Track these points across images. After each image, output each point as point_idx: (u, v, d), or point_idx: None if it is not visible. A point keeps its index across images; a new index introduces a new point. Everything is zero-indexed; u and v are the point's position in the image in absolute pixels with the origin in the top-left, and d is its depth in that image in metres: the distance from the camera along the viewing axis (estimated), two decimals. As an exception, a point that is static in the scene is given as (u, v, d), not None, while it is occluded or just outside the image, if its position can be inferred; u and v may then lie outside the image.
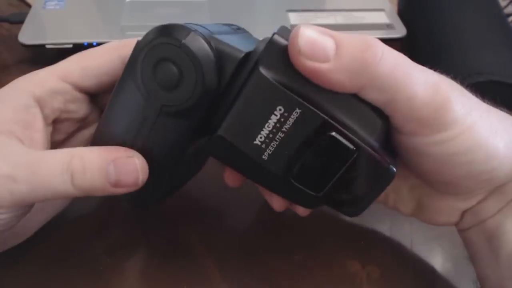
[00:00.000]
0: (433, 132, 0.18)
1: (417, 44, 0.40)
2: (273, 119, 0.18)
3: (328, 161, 0.18)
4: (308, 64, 0.17)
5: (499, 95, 0.33)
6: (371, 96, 0.18)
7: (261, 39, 0.19)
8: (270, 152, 0.18)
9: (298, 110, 0.17)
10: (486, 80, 0.33)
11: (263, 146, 0.18)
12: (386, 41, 0.43)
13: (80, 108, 0.23)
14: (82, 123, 0.24)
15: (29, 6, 0.44)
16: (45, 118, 0.21)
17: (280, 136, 0.18)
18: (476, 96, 0.21)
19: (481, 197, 0.22)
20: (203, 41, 0.17)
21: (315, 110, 0.17)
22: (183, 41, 0.17)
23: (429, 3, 0.41)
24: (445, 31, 0.38)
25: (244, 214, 0.28)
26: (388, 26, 0.42)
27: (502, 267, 0.21)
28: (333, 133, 0.18)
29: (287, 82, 0.17)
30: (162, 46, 0.17)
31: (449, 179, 0.21)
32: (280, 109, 0.17)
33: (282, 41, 0.17)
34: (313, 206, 0.21)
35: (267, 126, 0.18)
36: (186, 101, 0.18)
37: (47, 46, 0.37)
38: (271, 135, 0.18)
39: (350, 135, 0.18)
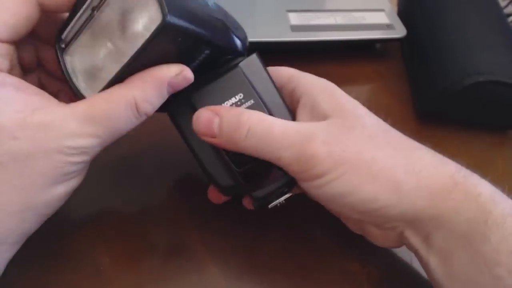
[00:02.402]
0: (311, 178, 0.23)
1: (417, 44, 0.40)
2: (233, 100, 0.24)
3: None
4: (205, 138, 0.24)
5: (499, 95, 0.33)
6: (255, 155, 0.23)
7: (260, 39, 0.21)
8: None
9: (252, 101, 0.24)
10: (486, 80, 0.33)
11: None
12: (386, 41, 0.43)
13: (13, 58, 0.23)
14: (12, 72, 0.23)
15: (29, 6, 0.44)
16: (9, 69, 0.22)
17: None
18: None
19: (400, 229, 0.24)
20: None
21: (263, 105, 0.24)
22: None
23: (429, 3, 0.41)
24: (444, 32, 0.38)
25: (244, 214, 0.28)
26: (388, 26, 0.42)
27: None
28: None
29: (252, 81, 0.25)
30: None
31: (347, 215, 0.25)
32: (240, 95, 0.24)
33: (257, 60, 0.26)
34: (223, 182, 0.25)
35: (226, 103, 0.24)
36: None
37: (47, 46, 0.37)
38: None
39: None
